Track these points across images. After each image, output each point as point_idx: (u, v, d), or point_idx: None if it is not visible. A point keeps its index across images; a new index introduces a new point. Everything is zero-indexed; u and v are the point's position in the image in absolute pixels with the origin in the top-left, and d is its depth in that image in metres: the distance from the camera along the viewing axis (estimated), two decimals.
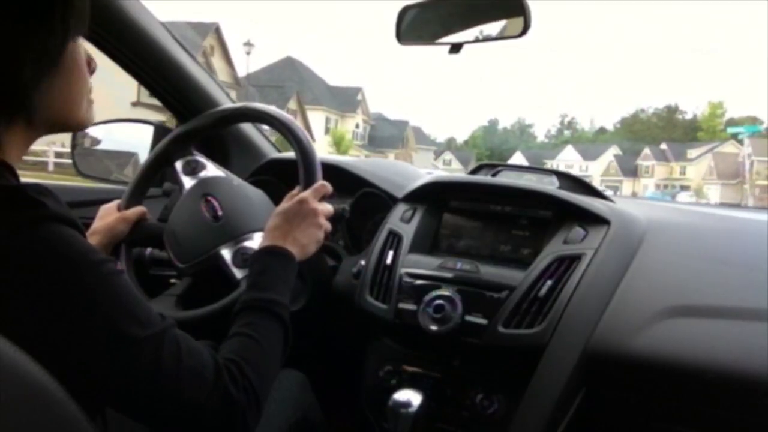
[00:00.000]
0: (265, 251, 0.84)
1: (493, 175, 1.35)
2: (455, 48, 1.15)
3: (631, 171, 47.74)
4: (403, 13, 1.17)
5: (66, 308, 0.55)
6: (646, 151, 48.93)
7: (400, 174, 1.38)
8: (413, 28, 1.19)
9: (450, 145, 77.50)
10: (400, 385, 1.02)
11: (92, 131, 1.40)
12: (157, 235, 1.08)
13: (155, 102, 1.40)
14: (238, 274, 0.99)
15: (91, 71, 0.68)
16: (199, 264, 1.02)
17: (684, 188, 41.03)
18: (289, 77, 33.08)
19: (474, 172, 1.41)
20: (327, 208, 0.94)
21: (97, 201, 1.37)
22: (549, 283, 0.96)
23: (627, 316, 0.93)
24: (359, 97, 38.68)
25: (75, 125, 0.68)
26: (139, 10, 1.22)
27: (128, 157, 1.46)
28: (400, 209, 1.19)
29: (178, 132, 1.13)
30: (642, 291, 0.96)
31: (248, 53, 23.60)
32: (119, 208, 1.07)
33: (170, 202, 1.14)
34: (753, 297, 0.92)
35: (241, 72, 25.35)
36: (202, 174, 1.10)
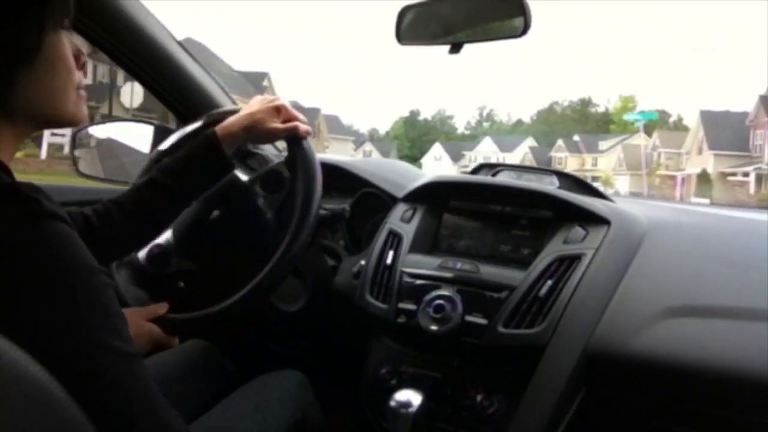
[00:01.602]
0: None
1: (493, 175, 1.35)
2: (455, 48, 1.15)
3: (545, 163, 47.51)
4: (403, 13, 1.17)
5: (53, 310, 0.54)
6: (560, 143, 49.30)
7: (400, 174, 1.38)
8: (413, 28, 1.19)
9: (372, 135, 76.48)
10: (400, 385, 1.02)
11: (92, 131, 1.40)
12: None
13: None
14: (141, 254, 1.05)
15: (81, 65, 0.66)
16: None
17: (594, 179, 41.44)
18: None
19: (474, 172, 1.41)
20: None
21: (97, 201, 1.37)
22: (549, 283, 0.96)
23: (627, 316, 0.93)
24: (265, 82, 35.94)
25: (63, 121, 0.66)
26: (138, 9, 1.22)
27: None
28: (400, 209, 1.19)
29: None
30: (642, 291, 0.96)
31: None
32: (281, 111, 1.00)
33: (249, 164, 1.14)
34: (753, 297, 0.92)
35: None
36: (256, 196, 1.06)
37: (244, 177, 1.06)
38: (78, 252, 0.57)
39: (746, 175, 28.65)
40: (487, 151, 50.78)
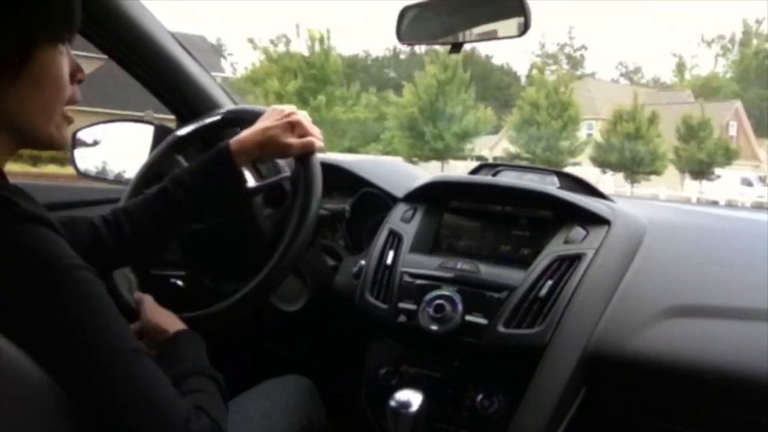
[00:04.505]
0: (172, 338, 0.82)
1: (494, 175, 1.35)
2: (455, 47, 1.15)
3: None
4: (403, 13, 1.17)
5: (36, 310, 0.54)
6: None
7: (400, 174, 1.38)
8: (413, 28, 1.19)
9: None
10: (400, 385, 1.02)
11: (92, 131, 1.40)
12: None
13: None
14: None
15: (78, 81, 0.64)
16: None
17: None
18: None
19: (474, 171, 1.41)
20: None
21: (97, 201, 1.37)
22: (549, 283, 0.96)
23: (627, 316, 0.93)
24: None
25: (41, 141, 0.63)
26: (138, 9, 1.22)
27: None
28: (401, 209, 1.19)
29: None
30: (642, 291, 0.96)
31: None
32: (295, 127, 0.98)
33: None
34: (753, 297, 0.92)
35: None
36: (260, 209, 1.06)
37: (250, 183, 1.06)
38: (57, 252, 0.56)
39: None
40: None
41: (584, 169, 21.29)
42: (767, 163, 30.55)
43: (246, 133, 0.96)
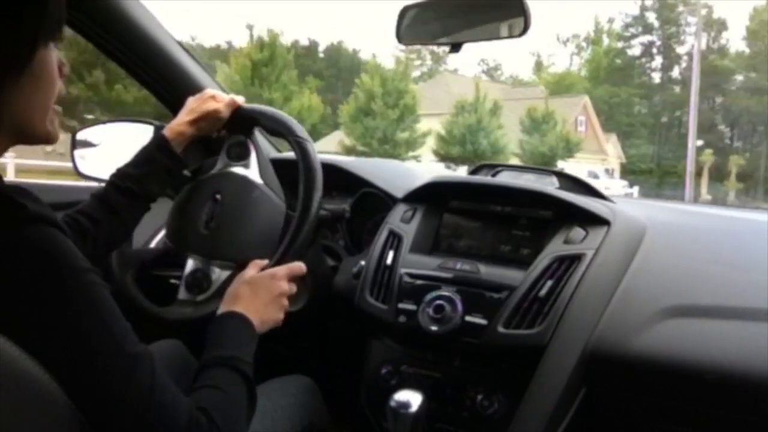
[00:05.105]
0: (227, 315, 0.82)
1: (493, 175, 1.36)
2: (455, 47, 1.15)
3: None
4: (403, 13, 1.17)
5: (44, 312, 0.54)
6: None
7: (400, 174, 1.38)
8: (413, 28, 1.19)
9: None
10: (400, 385, 1.02)
11: (92, 131, 1.39)
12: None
13: None
14: (181, 293, 1.02)
15: (63, 75, 0.66)
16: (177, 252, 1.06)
17: None
18: None
19: (474, 172, 1.41)
20: (291, 289, 0.93)
21: None
22: (549, 283, 0.96)
23: (627, 316, 0.93)
24: None
25: (38, 136, 0.64)
26: (138, 9, 1.22)
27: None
28: (401, 209, 1.19)
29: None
30: (642, 291, 0.96)
31: None
32: (215, 97, 1.06)
33: (205, 166, 1.13)
34: (753, 297, 0.92)
35: None
36: (233, 168, 1.08)
37: (212, 171, 1.09)
38: (67, 254, 0.56)
39: None
40: None
41: (426, 167, 18.94)
42: (614, 156, 31.41)
43: (176, 120, 1.04)
